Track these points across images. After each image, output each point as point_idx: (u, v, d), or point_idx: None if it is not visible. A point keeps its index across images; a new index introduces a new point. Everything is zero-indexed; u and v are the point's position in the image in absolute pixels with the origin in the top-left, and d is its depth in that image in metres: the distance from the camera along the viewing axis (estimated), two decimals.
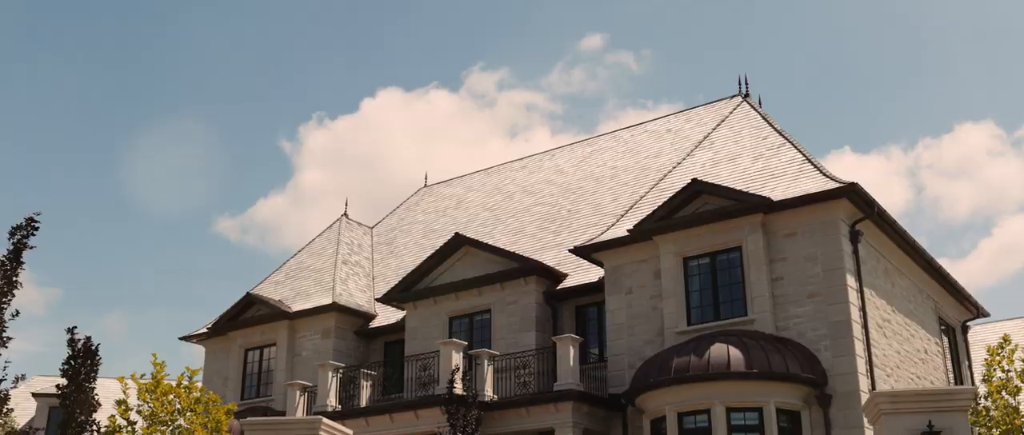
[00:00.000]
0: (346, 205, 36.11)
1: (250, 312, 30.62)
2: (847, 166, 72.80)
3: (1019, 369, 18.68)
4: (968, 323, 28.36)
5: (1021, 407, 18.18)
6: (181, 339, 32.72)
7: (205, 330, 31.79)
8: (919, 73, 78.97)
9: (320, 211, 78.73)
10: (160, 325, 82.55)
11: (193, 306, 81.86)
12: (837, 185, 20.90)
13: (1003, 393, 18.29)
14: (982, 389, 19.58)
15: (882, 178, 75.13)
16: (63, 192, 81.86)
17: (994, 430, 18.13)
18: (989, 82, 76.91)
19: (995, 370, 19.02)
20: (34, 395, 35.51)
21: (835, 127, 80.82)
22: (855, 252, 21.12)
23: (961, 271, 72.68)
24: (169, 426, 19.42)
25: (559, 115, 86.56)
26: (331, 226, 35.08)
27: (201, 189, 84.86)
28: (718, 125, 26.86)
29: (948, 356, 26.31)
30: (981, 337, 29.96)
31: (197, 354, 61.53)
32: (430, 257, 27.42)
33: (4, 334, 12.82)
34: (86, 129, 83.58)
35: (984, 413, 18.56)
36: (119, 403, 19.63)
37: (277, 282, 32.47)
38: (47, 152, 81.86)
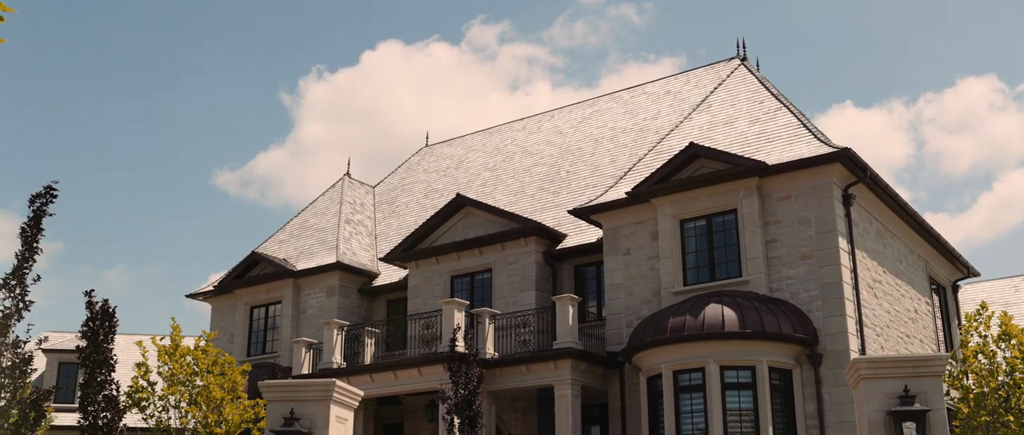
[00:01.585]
0: (348, 165, 36.67)
1: (255, 270, 31.23)
2: (849, 121, 73.14)
3: (995, 334, 19.18)
4: (958, 283, 28.91)
5: (997, 370, 18.65)
6: (188, 297, 33.41)
7: (211, 288, 32.43)
8: (921, 27, 78.94)
9: (320, 165, 79.15)
10: (161, 279, 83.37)
11: (194, 260, 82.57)
12: (831, 150, 21.33)
13: (979, 357, 18.81)
14: (962, 353, 20.10)
15: (884, 133, 75.49)
16: (65, 147, 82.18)
17: (969, 393, 18.69)
18: (991, 36, 76.94)
19: (972, 335, 19.55)
20: (44, 351, 36.08)
21: (837, 82, 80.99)
22: (847, 215, 21.62)
23: (961, 226, 73.36)
24: (188, 386, 20.11)
25: (560, 68, 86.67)
26: (334, 185, 35.59)
27: (200, 142, 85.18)
28: (716, 88, 27.21)
29: (938, 315, 26.90)
30: (971, 296, 30.53)
31: (202, 310, 62.36)
32: (432, 217, 27.93)
33: (27, 298, 13.23)
34: (86, 88, 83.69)
35: (960, 377, 19.12)
36: (139, 366, 20.30)
37: (281, 241, 33.04)
38: (49, 113, 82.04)
